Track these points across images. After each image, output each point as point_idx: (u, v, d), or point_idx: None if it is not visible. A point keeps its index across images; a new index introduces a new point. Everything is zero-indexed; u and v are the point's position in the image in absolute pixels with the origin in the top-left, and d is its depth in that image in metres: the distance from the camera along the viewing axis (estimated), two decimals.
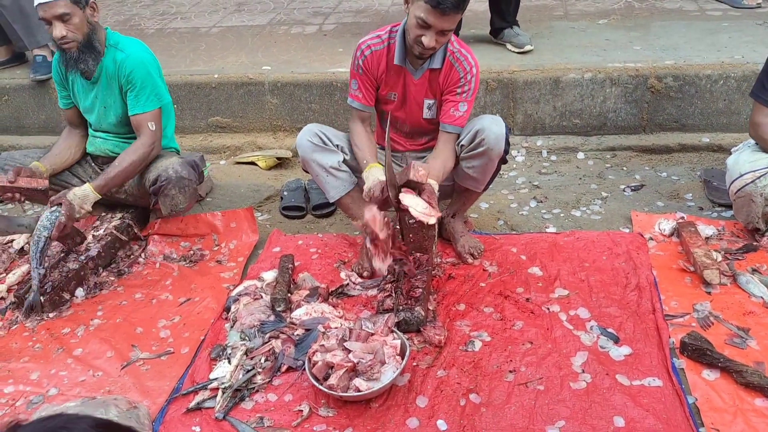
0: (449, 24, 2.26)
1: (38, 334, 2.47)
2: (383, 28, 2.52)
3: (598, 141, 3.55)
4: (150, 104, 2.79)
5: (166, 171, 2.78)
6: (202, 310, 2.53)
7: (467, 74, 2.45)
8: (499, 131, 2.45)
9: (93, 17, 2.70)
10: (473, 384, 2.08)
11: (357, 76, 2.55)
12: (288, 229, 3.06)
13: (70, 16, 2.61)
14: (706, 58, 3.48)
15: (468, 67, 2.45)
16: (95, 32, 2.71)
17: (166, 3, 5.39)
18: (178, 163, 2.82)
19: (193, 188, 2.85)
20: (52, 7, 2.59)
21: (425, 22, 2.24)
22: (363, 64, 2.50)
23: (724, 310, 2.28)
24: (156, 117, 2.81)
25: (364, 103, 2.59)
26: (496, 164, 2.54)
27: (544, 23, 4.10)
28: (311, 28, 4.52)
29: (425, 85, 2.51)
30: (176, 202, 2.82)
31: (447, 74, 2.47)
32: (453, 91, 2.48)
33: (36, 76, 3.92)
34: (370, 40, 2.50)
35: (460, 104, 2.47)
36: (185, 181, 2.80)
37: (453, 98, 2.48)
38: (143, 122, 2.79)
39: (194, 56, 4.16)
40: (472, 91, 2.48)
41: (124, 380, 2.21)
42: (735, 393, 1.96)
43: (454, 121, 2.49)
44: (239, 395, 2.09)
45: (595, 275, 2.53)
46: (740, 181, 2.52)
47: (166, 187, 2.78)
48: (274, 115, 3.83)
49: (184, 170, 2.80)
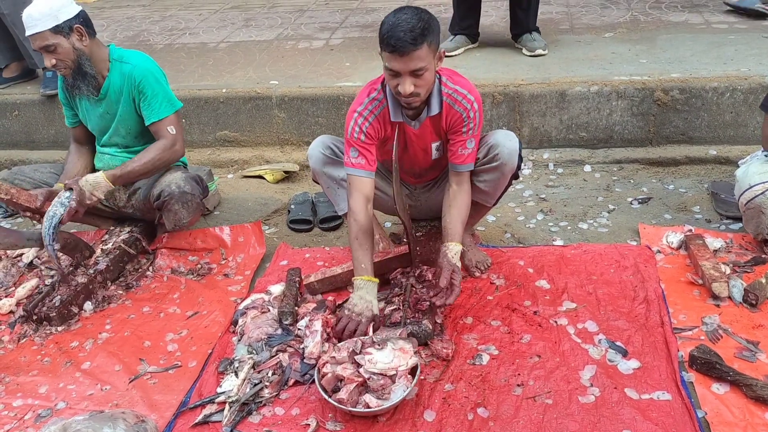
0: (415, 63, 2.13)
1: (47, 347, 2.48)
2: (372, 84, 2.40)
3: (605, 154, 3.55)
4: (164, 110, 2.81)
5: (169, 186, 2.79)
6: (210, 324, 2.53)
7: (469, 112, 2.35)
8: (512, 146, 2.44)
9: (80, 42, 2.70)
10: (481, 398, 2.07)
11: (358, 144, 2.37)
12: (295, 243, 3.06)
13: (55, 46, 2.64)
14: (712, 70, 3.48)
15: (468, 104, 2.34)
16: (84, 57, 2.72)
17: (174, 19, 5.45)
18: (181, 178, 2.83)
19: (196, 203, 2.86)
20: (36, 39, 2.63)
21: (392, 69, 2.16)
22: (367, 131, 2.36)
23: (733, 324, 2.27)
24: (174, 121, 2.83)
25: (369, 169, 2.39)
26: (509, 179, 2.54)
27: (550, 37, 4.12)
28: (318, 42, 4.56)
29: (428, 131, 2.43)
30: (179, 217, 2.82)
31: (448, 116, 2.38)
32: (458, 131, 2.39)
33: (46, 91, 3.96)
34: (370, 104, 2.37)
35: (468, 141, 2.40)
36: (188, 196, 2.81)
37: (459, 138, 2.40)
38: (162, 128, 2.81)
39: (202, 71, 4.19)
40: (477, 126, 2.39)
41: (132, 394, 2.21)
42: (745, 407, 1.94)
43: (464, 160, 2.41)
44: (246, 409, 2.08)
45: (603, 288, 2.52)
46: (750, 193, 2.52)
47: (169, 202, 2.79)
48: (281, 129, 3.85)
49: (187, 185, 2.81)
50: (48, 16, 2.60)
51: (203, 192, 2.97)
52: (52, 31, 2.62)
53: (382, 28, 2.16)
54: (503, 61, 3.87)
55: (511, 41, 4.07)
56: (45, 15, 2.60)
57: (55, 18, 2.61)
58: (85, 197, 2.69)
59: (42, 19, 2.59)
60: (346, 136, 2.40)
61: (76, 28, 2.68)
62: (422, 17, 2.14)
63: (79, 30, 2.69)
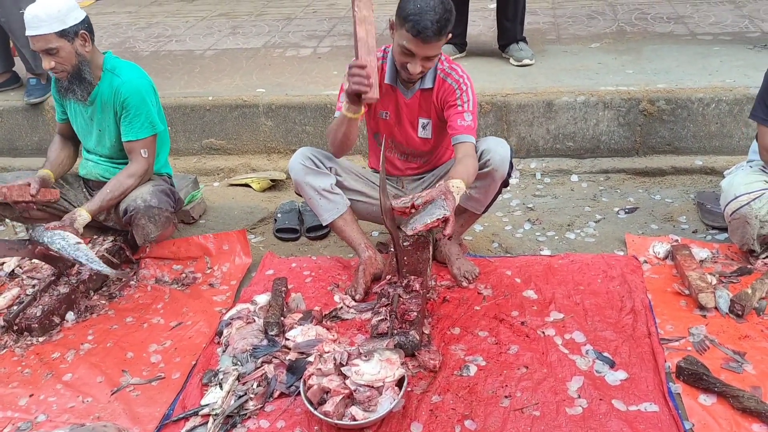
0: (432, 51, 2.28)
1: (27, 358, 2.44)
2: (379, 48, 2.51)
3: (592, 163, 3.56)
4: (143, 131, 2.78)
5: (135, 201, 2.75)
6: (194, 335, 2.50)
7: (461, 84, 2.45)
8: (504, 153, 2.45)
9: (83, 48, 2.67)
10: (468, 410, 2.05)
11: (345, 91, 2.44)
12: (281, 252, 3.04)
13: (57, 49, 2.60)
14: (698, 81, 3.50)
15: (459, 78, 2.46)
16: (85, 63, 2.70)
17: (161, 26, 5.42)
18: (148, 192, 2.78)
19: (164, 217, 2.80)
20: (38, 41, 2.59)
21: (408, 50, 2.27)
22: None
23: (720, 334, 2.27)
24: (149, 144, 2.81)
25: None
26: (499, 186, 2.54)
27: (537, 47, 4.13)
28: (306, 50, 4.55)
29: (418, 105, 2.51)
30: (147, 231, 2.78)
31: (440, 90, 2.48)
32: (453, 104, 2.45)
33: (30, 99, 3.93)
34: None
35: (465, 114, 2.43)
36: (154, 210, 2.75)
37: (455, 111, 2.44)
38: (136, 149, 2.79)
39: (189, 78, 4.17)
40: (471, 101, 2.44)
41: (114, 406, 2.17)
42: (732, 418, 1.94)
43: (464, 129, 2.41)
44: (231, 422, 2.05)
45: (590, 298, 2.52)
46: (735, 203, 2.53)
47: (135, 216, 2.75)
48: (268, 137, 3.83)
49: (153, 199, 2.76)
50: (55, 19, 2.56)
51: (175, 204, 2.91)
52: (57, 34, 2.58)
53: (407, 6, 2.22)
54: (490, 70, 3.88)
55: (498, 51, 4.08)
56: (52, 17, 2.56)
57: (62, 22, 2.58)
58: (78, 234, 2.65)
59: (48, 21, 2.56)
60: (342, 84, 2.45)
61: (81, 33, 2.65)
62: (446, 6, 2.25)
63: (83, 36, 2.67)
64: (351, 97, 2.32)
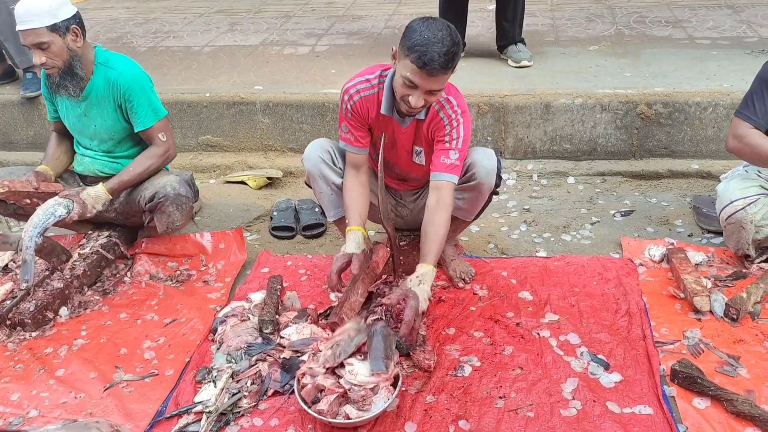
0: (437, 84, 2.14)
1: (20, 353, 2.42)
2: (372, 69, 2.40)
3: (589, 166, 3.56)
4: (152, 118, 2.79)
5: (164, 188, 2.77)
6: (188, 332, 2.49)
7: (452, 120, 2.33)
8: (490, 166, 2.43)
9: (75, 43, 2.66)
10: (462, 410, 2.05)
11: (346, 119, 2.43)
12: (277, 250, 3.03)
13: (48, 44, 2.59)
14: (695, 85, 3.51)
15: (452, 113, 2.33)
16: (77, 58, 2.69)
17: (158, 21, 5.40)
18: (176, 180, 2.82)
19: (189, 206, 2.85)
20: (29, 35, 2.57)
21: (412, 82, 2.12)
22: (352, 108, 2.39)
23: (715, 338, 2.27)
24: (163, 128, 2.83)
25: (358, 146, 2.45)
26: (487, 197, 2.53)
27: (535, 48, 4.13)
28: (304, 48, 4.54)
29: (413, 133, 2.43)
30: (173, 219, 2.80)
31: (431, 122, 2.36)
32: (441, 139, 2.36)
33: (26, 93, 3.91)
34: (359, 84, 2.38)
35: (450, 152, 2.34)
36: (183, 198, 2.79)
37: (441, 147, 2.36)
38: (153, 135, 2.81)
39: (186, 75, 4.15)
40: (461, 138, 2.34)
41: (107, 402, 2.16)
42: (726, 422, 1.94)
43: (445, 169, 2.34)
44: (224, 419, 2.04)
45: (586, 300, 2.52)
46: (731, 208, 2.53)
47: (163, 204, 2.76)
48: (265, 134, 3.82)
49: (181, 188, 2.80)
50: (46, 14, 2.55)
51: (195, 196, 2.96)
52: (48, 28, 2.57)
53: (413, 36, 2.08)
54: (489, 71, 3.87)
55: (497, 52, 4.08)
56: (44, 11, 2.55)
57: (53, 16, 2.57)
58: (87, 210, 2.69)
59: (40, 15, 2.54)
60: (340, 112, 2.45)
61: (72, 28, 2.64)
62: (454, 39, 2.10)
63: (75, 31, 2.65)
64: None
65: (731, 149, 2.58)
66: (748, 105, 2.54)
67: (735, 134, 2.55)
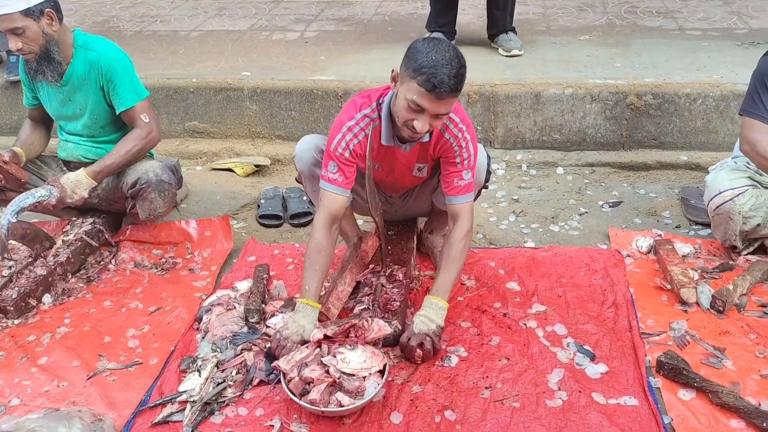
0: (445, 108, 2.04)
1: (2, 341, 2.39)
2: (368, 97, 2.26)
3: (578, 156, 3.55)
4: (134, 98, 2.74)
5: (147, 174, 2.73)
6: (173, 320, 2.47)
7: (459, 140, 2.25)
8: (480, 162, 2.39)
9: (50, 27, 2.60)
10: (449, 400, 2.04)
11: (337, 159, 2.22)
12: (264, 238, 3.01)
13: (23, 29, 2.54)
14: (685, 76, 3.51)
15: (458, 133, 2.24)
16: (53, 42, 2.63)
17: (145, 5, 5.33)
18: (158, 166, 2.78)
19: (172, 193, 2.81)
20: (3, 20, 2.52)
21: (419, 106, 2.01)
22: (353, 149, 2.23)
23: (700, 330, 2.28)
24: (146, 108, 2.77)
25: (344, 187, 2.25)
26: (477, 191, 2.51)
27: (526, 37, 4.11)
28: (293, 34, 4.49)
29: (416, 155, 2.35)
30: (155, 206, 2.76)
31: (437, 143, 2.28)
32: (452, 161, 2.28)
33: (10, 76, 3.85)
34: (357, 125, 2.23)
35: (464, 172, 2.28)
36: (165, 185, 2.75)
37: (454, 169, 2.28)
38: (135, 116, 2.75)
39: (173, 60, 4.10)
40: (471, 157, 2.28)
41: (90, 391, 2.14)
42: (711, 414, 1.95)
43: (459, 191, 2.29)
44: (209, 409, 2.03)
45: (573, 291, 2.52)
46: (719, 198, 2.53)
47: (146, 190, 2.73)
48: (252, 121, 3.78)
49: (164, 174, 2.76)
50: None
51: (178, 182, 2.93)
52: (22, 13, 2.52)
53: (419, 58, 1.98)
54: (479, 60, 3.85)
55: (488, 41, 4.06)
56: None
57: (27, 0, 2.51)
58: (67, 195, 2.66)
59: (13, 0, 2.49)
60: (328, 148, 2.24)
61: (47, 12, 2.58)
62: (462, 61, 2.02)
63: (50, 14, 2.59)
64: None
65: (745, 154, 2.56)
66: (756, 102, 2.49)
67: (747, 139, 2.51)
